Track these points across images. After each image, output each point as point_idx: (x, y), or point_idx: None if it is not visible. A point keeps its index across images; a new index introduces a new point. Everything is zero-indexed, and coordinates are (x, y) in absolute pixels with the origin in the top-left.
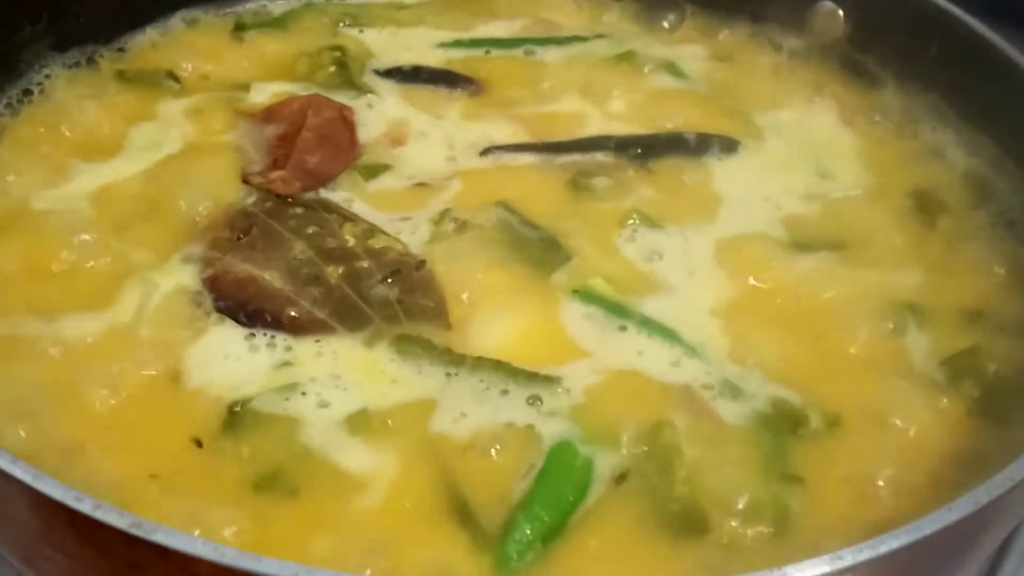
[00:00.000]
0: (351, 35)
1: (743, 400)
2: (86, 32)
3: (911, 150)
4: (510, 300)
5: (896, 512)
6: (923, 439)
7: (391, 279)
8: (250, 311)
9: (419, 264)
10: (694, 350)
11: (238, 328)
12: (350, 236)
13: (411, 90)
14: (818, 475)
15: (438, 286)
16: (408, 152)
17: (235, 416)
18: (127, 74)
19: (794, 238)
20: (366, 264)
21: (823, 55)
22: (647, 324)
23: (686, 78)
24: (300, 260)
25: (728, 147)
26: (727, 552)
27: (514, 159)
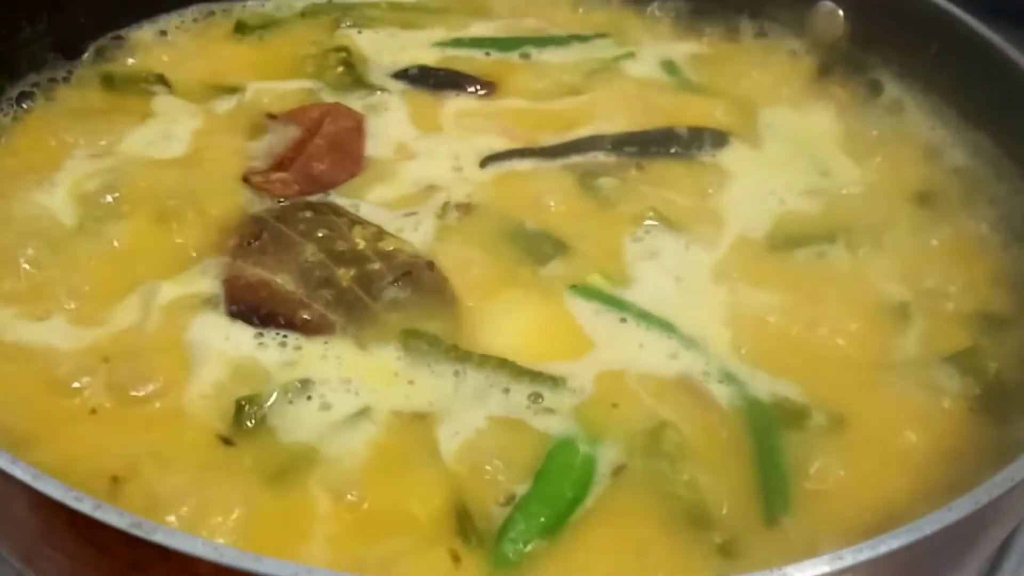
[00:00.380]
0: (352, 35)
1: (744, 397)
2: (86, 32)
3: (911, 150)
4: (517, 297)
5: (896, 511)
6: (924, 438)
7: (402, 281)
8: (263, 314)
9: (429, 265)
10: (694, 343)
11: (249, 328)
12: (360, 239)
13: (419, 94)
14: (818, 473)
15: (449, 287)
16: (416, 158)
17: (241, 412)
18: (128, 75)
19: (795, 236)
20: (377, 266)
21: (823, 55)
22: (646, 318)
23: (686, 78)
24: (311, 263)
25: (719, 140)
26: (727, 551)
27: (516, 165)
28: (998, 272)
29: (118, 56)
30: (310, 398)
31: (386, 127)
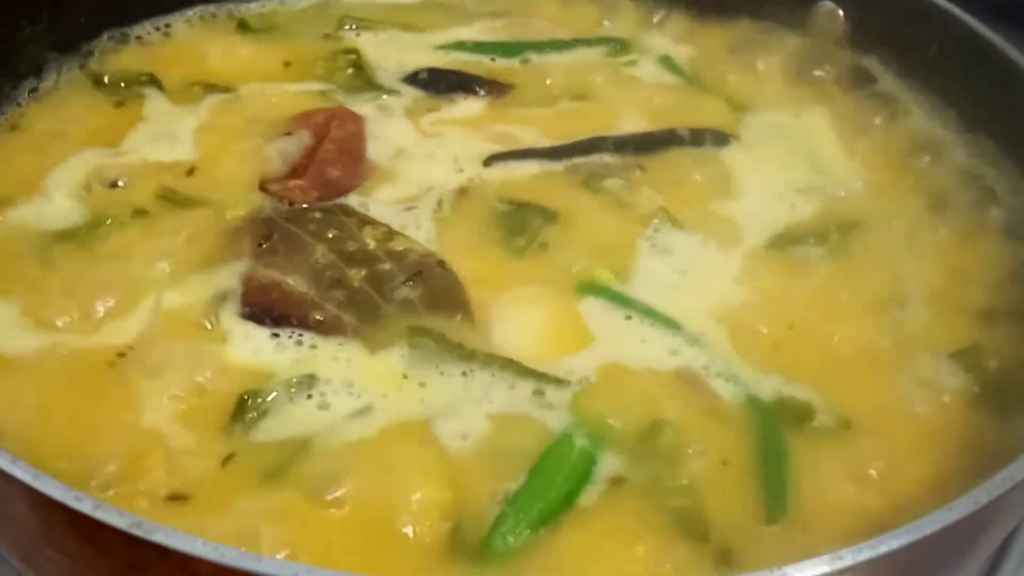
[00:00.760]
0: (356, 37)
1: (746, 395)
2: (87, 32)
3: (911, 149)
4: (527, 294)
5: (897, 510)
6: (925, 436)
7: (413, 280)
8: (276, 316)
9: (440, 264)
10: (697, 340)
11: (262, 327)
12: (370, 239)
13: (429, 97)
14: (818, 471)
15: (460, 285)
16: (421, 160)
17: (243, 406)
18: (129, 75)
19: (796, 235)
20: (388, 266)
21: (823, 55)
22: (651, 315)
23: (686, 78)
24: (322, 264)
25: (722, 142)
26: (725, 550)
27: (519, 166)
28: (998, 271)
29: (119, 56)
30: (310, 396)
31: (395, 130)
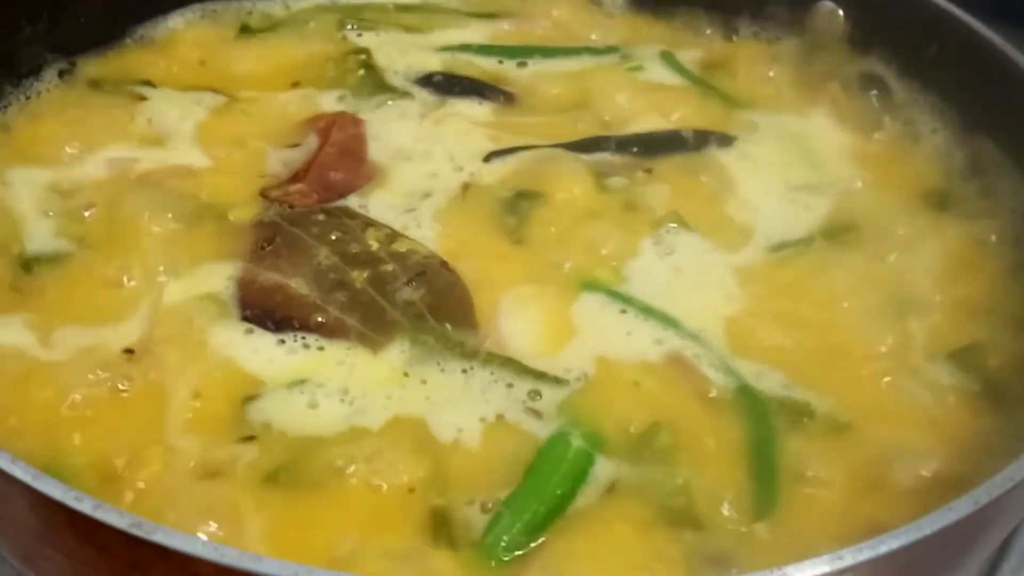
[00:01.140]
0: (358, 37)
1: (743, 392)
2: (87, 32)
3: (911, 150)
4: (529, 293)
5: (897, 510)
6: (925, 435)
7: (416, 281)
8: (278, 319)
9: (443, 264)
10: (696, 338)
11: (266, 331)
12: (373, 240)
13: (437, 102)
14: (818, 470)
15: (463, 285)
16: (422, 162)
17: (244, 406)
18: (129, 76)
19: (797, 235)
20: (391, 267)
21: (823, 55)
22: (649, 312)
23: (686, 78)
24: (325, 266)
25: (724, 142)
26: (724, 549)
27: (520, 162)
28: (998, 270)
29: (120, 56)
30: (311, 397)
31: (402, 131)
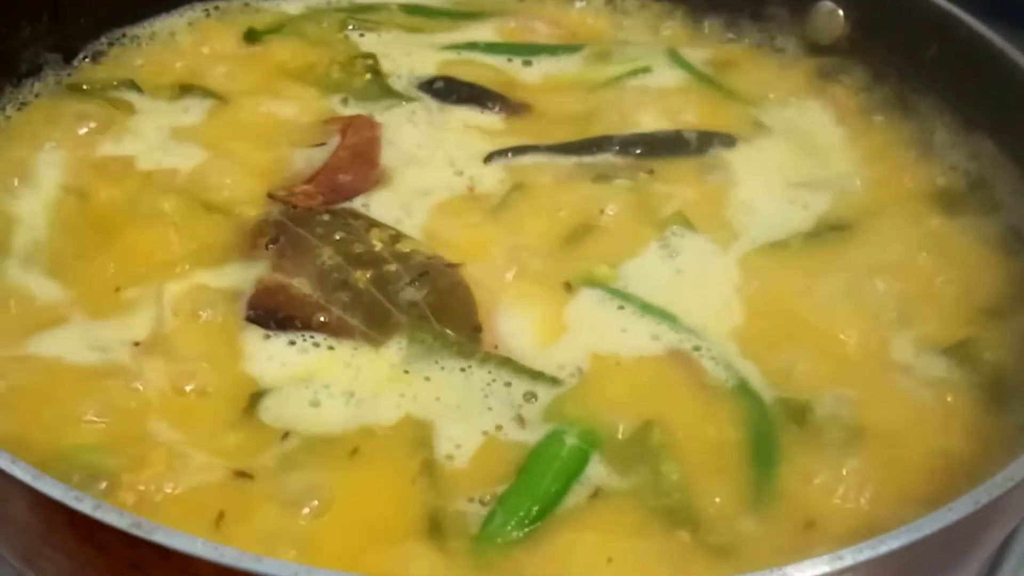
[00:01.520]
0: (360, 37)
1: (743, 391)
2: (87, 32)
3: (911, 149)
4: (531, 292)
5: (897, 509)
6: (924, 435)
7: (419, 282)
8: (280, 318)
9: (447, 265)
10: (696, 335)
11: (270, 330)
12: (377, 241)
13: (441, 106)
14: (817, 470)
15: (466, 285)
16: (425, 166)
17: (252, 403)
18: (129, 77)
19: (797, 235)
20: (394, 268)
21: (823, 55)
22: (647, 310)
23: (693, 75)
24: (328, 266)
25: (728, 143)
26: (722, 549)
27: (521, 162)
28: (998, 269)
29: (120, 57)
30: (313, 396)
31: (407, 136)
